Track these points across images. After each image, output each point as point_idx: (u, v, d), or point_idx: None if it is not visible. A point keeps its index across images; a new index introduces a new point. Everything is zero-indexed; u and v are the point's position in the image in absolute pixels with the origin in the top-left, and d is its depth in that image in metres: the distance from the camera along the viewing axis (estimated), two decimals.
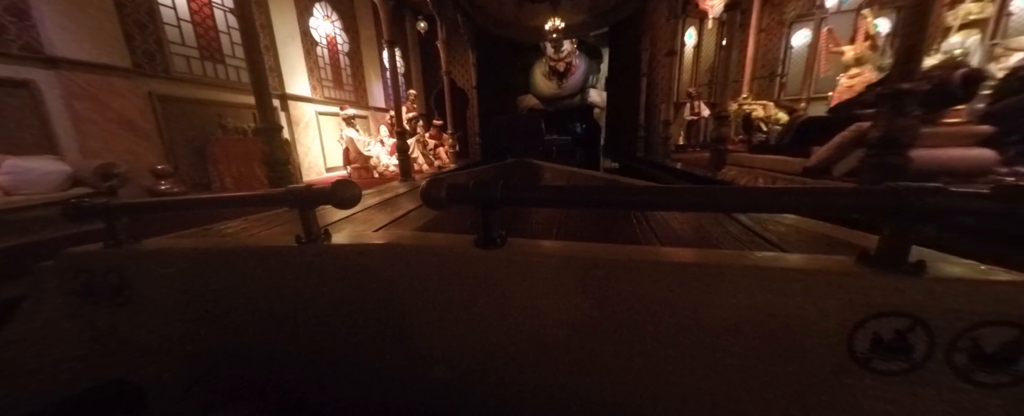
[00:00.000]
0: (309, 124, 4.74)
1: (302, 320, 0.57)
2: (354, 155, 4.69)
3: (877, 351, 0.35)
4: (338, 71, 5.56)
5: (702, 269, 0.40)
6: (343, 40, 5.66)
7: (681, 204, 0.46)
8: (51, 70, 2.45)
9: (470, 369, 0.51)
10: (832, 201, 0.35)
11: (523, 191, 0.45)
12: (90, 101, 2.62)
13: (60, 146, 2.51)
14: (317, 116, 4.89)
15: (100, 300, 0.62)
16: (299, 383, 0.60)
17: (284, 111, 4.37)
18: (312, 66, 4.87)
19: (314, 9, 5.04)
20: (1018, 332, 0.31)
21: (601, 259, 0.44)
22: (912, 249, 0.35)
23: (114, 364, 0.62)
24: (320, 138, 4.92)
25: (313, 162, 4.80)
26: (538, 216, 0.91)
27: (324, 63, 5.18)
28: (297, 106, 4.56)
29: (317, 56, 5.03)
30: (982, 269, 0.35)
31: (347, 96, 5.68)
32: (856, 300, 0.35)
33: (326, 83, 5.24)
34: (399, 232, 0.70)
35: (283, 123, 4.34)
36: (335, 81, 5.46)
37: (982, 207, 0.31)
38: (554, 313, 0.46)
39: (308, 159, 4.73)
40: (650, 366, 0.43)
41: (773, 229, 0.68)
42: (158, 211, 0.72)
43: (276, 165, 2.39)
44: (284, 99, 4.36)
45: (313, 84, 4.87)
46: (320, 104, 4.95)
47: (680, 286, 0.41)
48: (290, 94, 4.43)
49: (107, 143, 2.74)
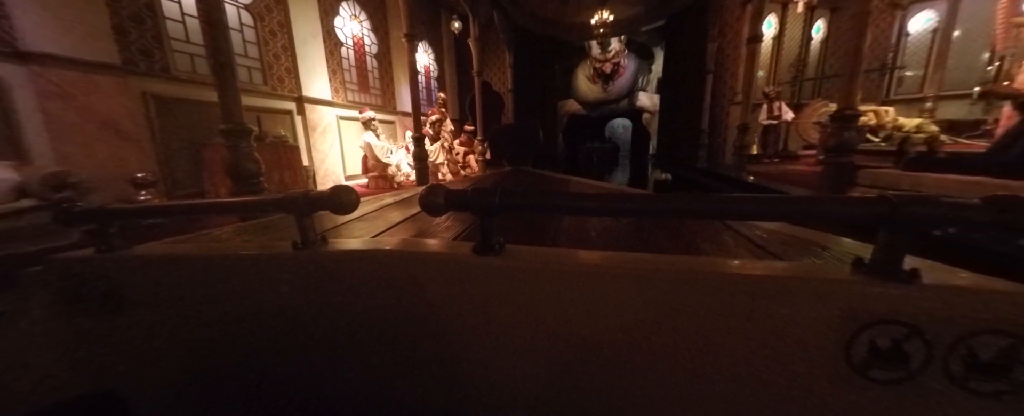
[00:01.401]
0: (328, 129, 4.40)
1: (296, 327, 0.56)
2: (372, 162, 4.24)
3: (874, 359, 0.35)
4: (364, 73, 5.24)
5: (698, 277, 0.40)
6: (371, 41, 5.35)
7: (674, 212, 0.44)
8: (22, 66, 2.20)
9: (465, 377, 0.51)
10: (826, 210, 0.36)
11: (521, 198, 0.45)
12: (66, 101, 2.36)
13: (30, 150, 2.24)
14: (338, 121, 4.55)
15: (89, 306, 0.60)
16: (291, 392, 0.59)
17: (300, 115, 4.05)
18: (335, 68, 4.56)
19: (340, 8, 4.76)
20: (1013, 341, 0.32)
21: (598, 267, 0.44)
22: (906, 258, 0.35)
23: (101, 372, 0.61)
24: (340, 144, 4.57)
25: (330, 170, 4.44)
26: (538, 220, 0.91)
27: (349, 65, 4.86)
28: (315, 110, 4.23)
29: (341, 57, 4.72)
30: (976, 278, 0.35)
31: (372, 100, 5.34)
32: (852, 308, 0.35)
33: (350, 86, 4.92)
34: (397, 238, 0.67)
35: (298, 128, 4.03)
36: (361, 84, 5.14)
37: (974, 218, 0.31)
38: (550, 321, 0.46)
39: (325, 166, 4.37)
40: (645, 375, 0.43)
41: (768, 238, 0.68)
42: (153, 215, 0.68)
43: (243, 178, 1.88)
44: (300, 102, 4.05)
45: (335, 87, 4.55)
46: (342, 108, 4.61)
47: (676, 294, 0.40)
48: (307, 96, 4.11)
49: (87, 148, 2.46)
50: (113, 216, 0.59)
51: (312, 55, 4.20)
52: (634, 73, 8.69)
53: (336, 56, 4.62)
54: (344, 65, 4.77)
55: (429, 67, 6.93)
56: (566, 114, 9.39)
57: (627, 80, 8.67)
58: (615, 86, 8.72)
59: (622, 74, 8.65)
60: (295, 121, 4.02)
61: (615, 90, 8.76)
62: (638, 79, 8.77)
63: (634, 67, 8.66)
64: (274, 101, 3.83)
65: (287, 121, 3.95)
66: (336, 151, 4.51)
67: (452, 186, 0.50)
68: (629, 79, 8.67)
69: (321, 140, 4.30)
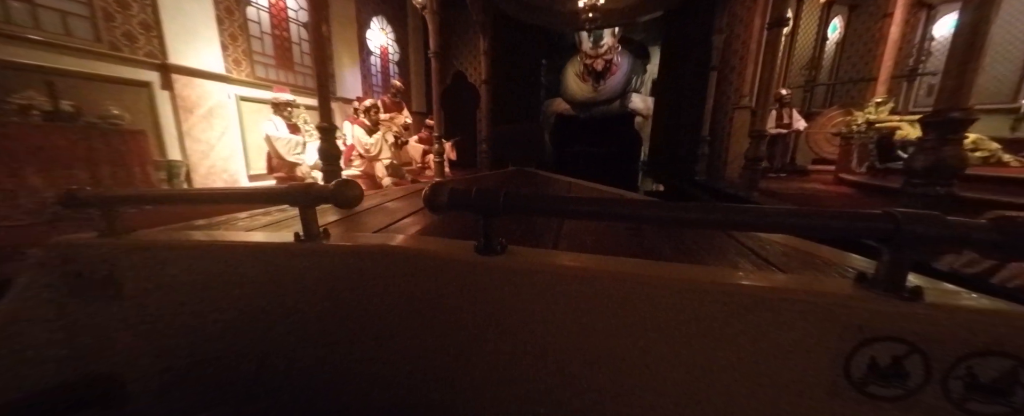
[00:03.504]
0: (216, 112, 3.32)
1: (296, 319, 0.56)
2: (276, 160, 3.18)
3: (873, 376, 0.35)
4: (286, 45, 4.16)
5: (700, 286, 0.40)
6: (298, 5, 4.28)
7: (680, 221, 0.44)
8: None
9: (465, 375, 0.51)
10: (832, 224, 0.35)
11: (525, 200, 0.45)
12: None
13: None
14: (239, 103, 3.49)
15: (88, 291, 0.60)
16: (290, 383, 0.59)
17: (166, 89, 2.97)
18: (236, 32, 3.50)
19: None
20: (1014, 363, 0.31)
21: (598, 271, 0.44)
22: (909, 276, 0.35)
23: (100, 356, 0.61)
24: (242, 133, 3.51)
25: (221, 166, 3.37)
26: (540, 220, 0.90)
27: (261, 31, 3.80)
28: (193, 84, 3.13)
29: (246, 20, 3.64)
30: (978, 298, 0.35)
31: (299, 81, 4.28)
32: (854, 324, 0.35)
33: (262, 58, 3.84)
34: (399, 235, 0.66)
35: (164, 108, 2.95)
36: (280, 58, 4.07)
37: (979, 237, 0.31)
38: (550, 322, 0.46)
39: (210, 161, 3.29)
40: (643, 380, 0.43)
41: (771, 249, 0.68)
42: (156, 201, 0.72)
43: None
44: (166, 72, 2.96)
45: (235, 57, 3.49)
46: (245, 87, 3.55)
47: (677, 302, 0.40)
48: (178, 65, 3.02)
49: None
50: (117, 201, 0.60)
51: (192, 10, 3.12)
52: (627, 73, 8.01)
53: (237, 17, 3.54)
54: (253, 31, 3.69)
55: (387, 48, 5.87)
56: (553, 114, 8.66)
57: (620, 80, 7.97)
58: (607, 85, 8.02)
59: (614, 72, 7.95)
60: (156, 98, 2.93)
61: (607, 90, 8.06)
62: (632, 79, 8.10)
63: (628, 66, 7.99)
64: (111, 66, 2.70)
65: (142, 97, 2.87)
66: (232, 142, 3.44)
67: (455, 185, 0.49)
68: (622, 79, 7.98)
69: (204, 126, 3.23)
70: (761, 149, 3.21)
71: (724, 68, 4.86)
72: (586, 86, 8.05)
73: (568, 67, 8.29)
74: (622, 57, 7.87)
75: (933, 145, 1.55)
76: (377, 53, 5.61)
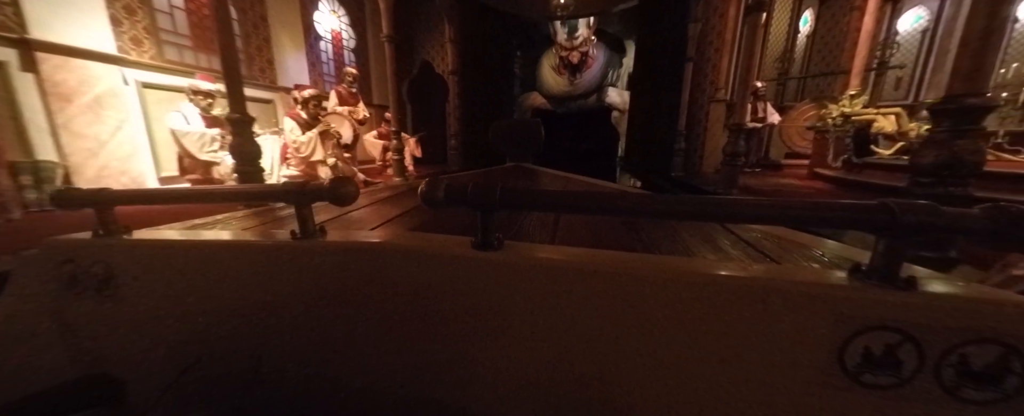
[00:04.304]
0: (106, 101, 2.74)
1: (294, 317, 0.57)
2: (188, 160, 2.65)
3: (867, 365, 0.35)
4: (206, 24, 3.56)
5: (696, 279, 0.41)
6: None
7: (675, 213, 0.45)
8: None
9: (464, 372, 0.51)
10: (826, 215, 0.36)
11: (521, 195, 0.46)
12: None
13: None
14: (140, 89, 2.91)
15: (85, 290, 0.60)
16: (287, 383, 0.59)
17: (29, 71, 2.38)
18: (130, 4, 2.90)
19: None
20: (1004, 350, 0.32)
21: (595, 264, 0.44)
22: (903, 265, 0.36)
23: (97, 355, 0.61)
24: (147, 127, 2.94)
25: (121, 166, 2.80)
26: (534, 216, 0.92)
27: (170, 5, 3.20)
28: (71, 66, 2.55)
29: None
30: (969, 287, 0.36)
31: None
32: (848, 313, 0.36)
33: (171, 37, 3.25)
34: (396, 231, 0.68)
35: (27, 94, 2.34)
36: (197, 38, 3.47)
37: (973, 226, 0.32)
38: (549, 317, 0.46)
39: (99, 161, 2.71)
40: (637, 376, 0.44)
41: (765, 240, 0.68)
42: (152, 200, 0.69)
43: None
44: (28, 48, 2.36)
45: (132, 35, 2.91)
46: (148, 71, 2.97)
47: (672, 295, 0.41)
48: (47, 42, 2.42)
49: None
50: (112, 200, 0.59)
51: None
52: (604, 66, 7.78)
53: None
54: (160, 5, 3.10)
55: (339, 33, 5.30)
56: (529, 108, 8.35)
57: (596, 73, 7.73)
58: (583, 79, 7.77)
59: (590, 66, 7.70)
60: (13, 82, 2.33)
61: (583, 83, 7.81)
62: (608, 73, 7.88)
63: (604, 59, 7.75)
64: None
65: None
66: (133, 138, 2.86)
67: (453, 179, 0.49)
68: (598, 72, 7.74)
69: (90, 119, 2.65)
70: (740, 143, 2.99)
71: (700, 59, 4.68)
72: (562, 79, 7.78)
73: (544, 60, 7.98)
74: (598, 50, 7.63)
75: (945, 137, 1.31)
76: (328, 38, 5.04)
